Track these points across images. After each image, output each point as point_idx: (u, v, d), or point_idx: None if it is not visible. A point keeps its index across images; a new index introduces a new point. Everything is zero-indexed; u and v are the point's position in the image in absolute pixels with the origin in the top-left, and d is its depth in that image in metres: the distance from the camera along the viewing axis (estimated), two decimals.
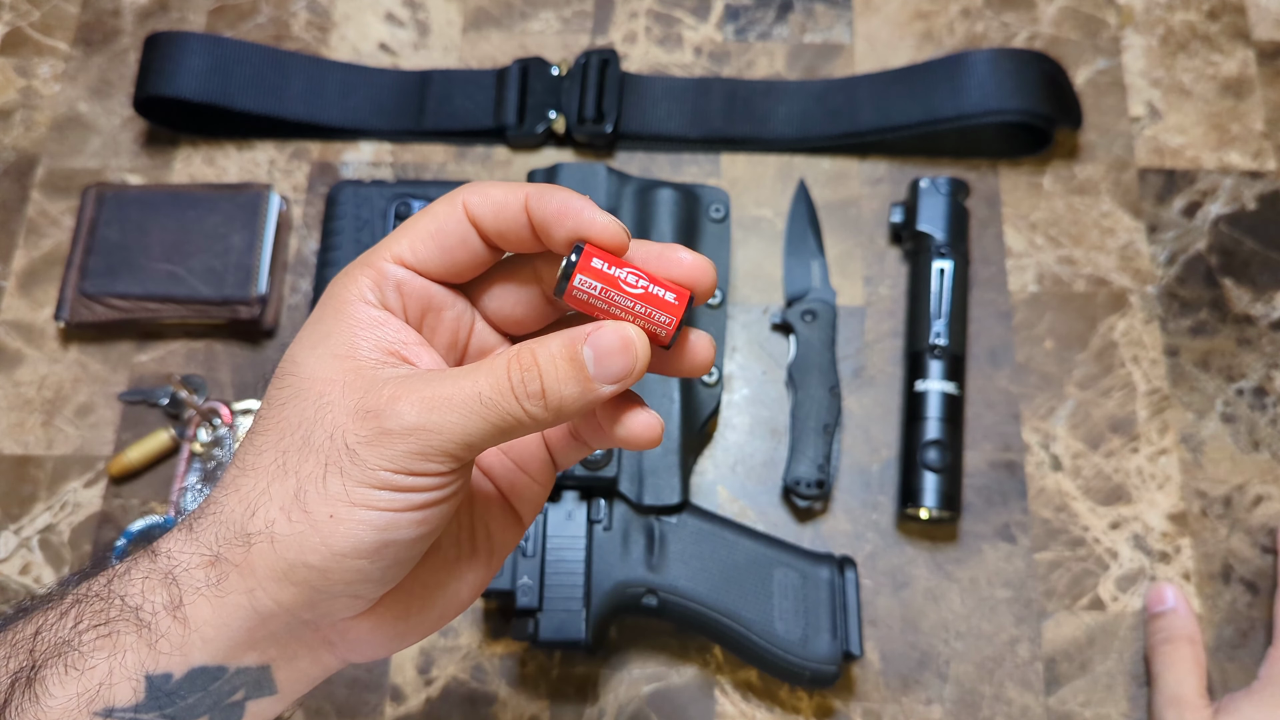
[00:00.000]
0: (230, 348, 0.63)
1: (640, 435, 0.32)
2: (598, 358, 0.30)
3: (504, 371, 0.30)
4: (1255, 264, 0.65)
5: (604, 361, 0.30)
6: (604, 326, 0.30)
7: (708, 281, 0.31)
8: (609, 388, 0.30)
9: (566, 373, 0.30)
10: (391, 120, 0.68)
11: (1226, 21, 0.70)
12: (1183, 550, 0.59)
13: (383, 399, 0.29)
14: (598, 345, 0.30)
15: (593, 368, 0.30)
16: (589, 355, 0.30)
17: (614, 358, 0.30)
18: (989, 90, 0.64)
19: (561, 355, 0.30)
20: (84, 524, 0.60)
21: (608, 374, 0.30)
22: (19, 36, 0.71)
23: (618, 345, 0.30)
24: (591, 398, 0.30)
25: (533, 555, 0.53)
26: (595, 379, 0.30)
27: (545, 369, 0.30)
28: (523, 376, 0.30)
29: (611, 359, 0.30)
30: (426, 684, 0.57)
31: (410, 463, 0.29)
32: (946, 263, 0.61)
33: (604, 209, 0.64)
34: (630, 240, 0.31)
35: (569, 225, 0.31)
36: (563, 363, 0.30)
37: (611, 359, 0.30)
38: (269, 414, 0.31)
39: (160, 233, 0.62)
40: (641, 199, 0.61)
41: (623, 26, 0.71)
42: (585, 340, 0.30)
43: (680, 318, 0.30)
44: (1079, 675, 0.57)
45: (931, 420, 0.58)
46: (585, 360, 0.30)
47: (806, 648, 0.52)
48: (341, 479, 0.29)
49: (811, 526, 0.60)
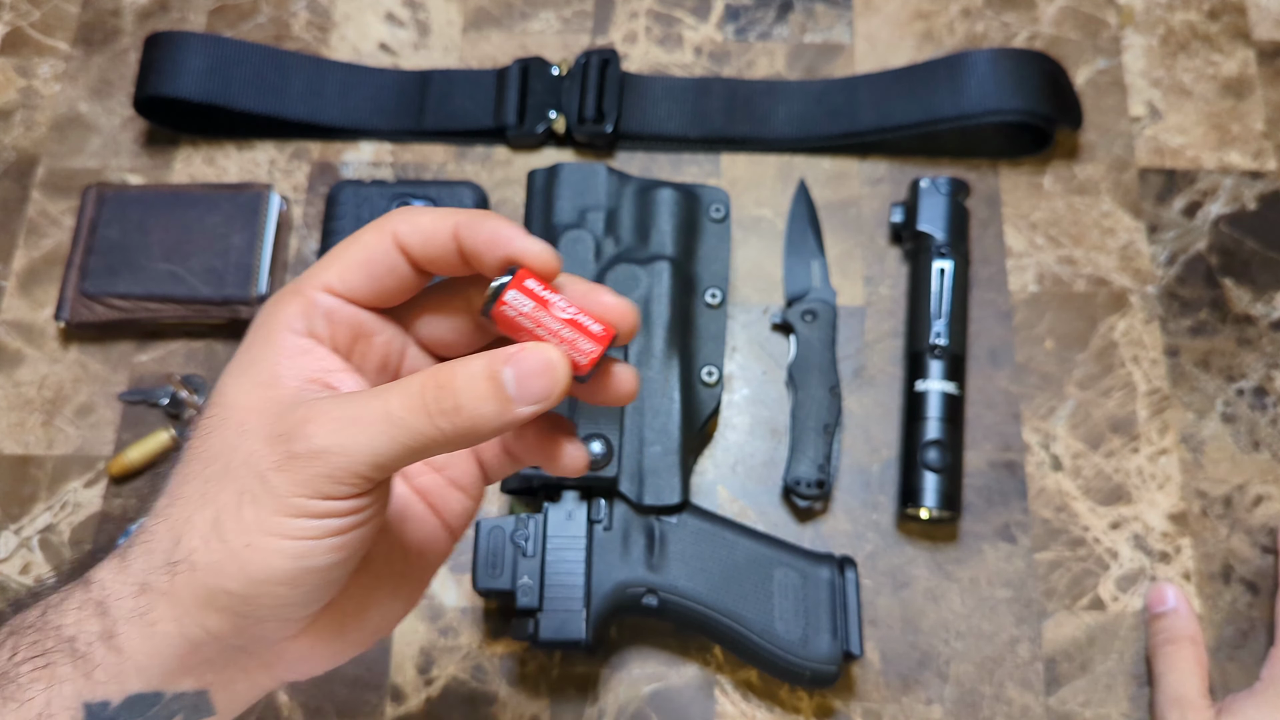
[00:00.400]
0: (230, 348, 0.63)
1: (571, 467, 0.34)
2: (519, 379, 0.30)
3: (417, 390, 0.30)
4: (1256, 264, 0.65)
5: (525, 383, 0.30)
6: (526, 349, 0.30)
7: (628, 323, 0.32)
8: (527, 409, 0.30)
9: (485, 392, 0.30)
10: (392, 120, 0.68)
11: (1227, 21, 0.70)
12: (1183, 550, 0.59)
13: (293, 423, 0.29)
14: (520, 366, 0.30)
15: (513, 389, 0.30)
16: (509, 376, 0.30)
17: (535, 380, 0.30)
18: (989, 90, 0.64)
19: (482, 374, 0.30)
20: (84, 524, 0.60)
21: (527, 396, 0.30)
22: (19, 36, 0.71)
23: (539, 367, 0.30)
24: (509, 418, 0.30)
25: (533, 555, 0.53)
26: (515, 400, 0.30)
27: (463, 387, 0.30)
28: (437, 395, 0.30)
29: (532, 381, 0.30)
30: (427, 684, 0.57)
31: (321, 486, 0.29)
32: (946, 263, 0.61)
33: (604, 209, 0.65)
34: (561, 269, 0.32)
35: (500, 253, 0.31)
36: (482, 382, 0.30)
37: (532, 381, 0.30)
38: (196, 443, 0.31)
39: (160, 233, 0.62)
40: (641, 199, 0.61)
41: (623, 26, 0.71)
42: (507, 361, 0.30)
43: (604, 349, 0.31)
44: (1079, 675, 0.57)
45: (931, 420, 0.58)
46: (505, 381, 0.30)
47: (807, 647, 0.52)
48: (256, 508, 0.29)
49: (811, 526, 0.60)
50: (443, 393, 0.30)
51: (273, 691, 0.35)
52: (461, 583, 0.58)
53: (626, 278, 0.58)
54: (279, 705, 0.56)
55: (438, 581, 0.58)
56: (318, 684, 0.56)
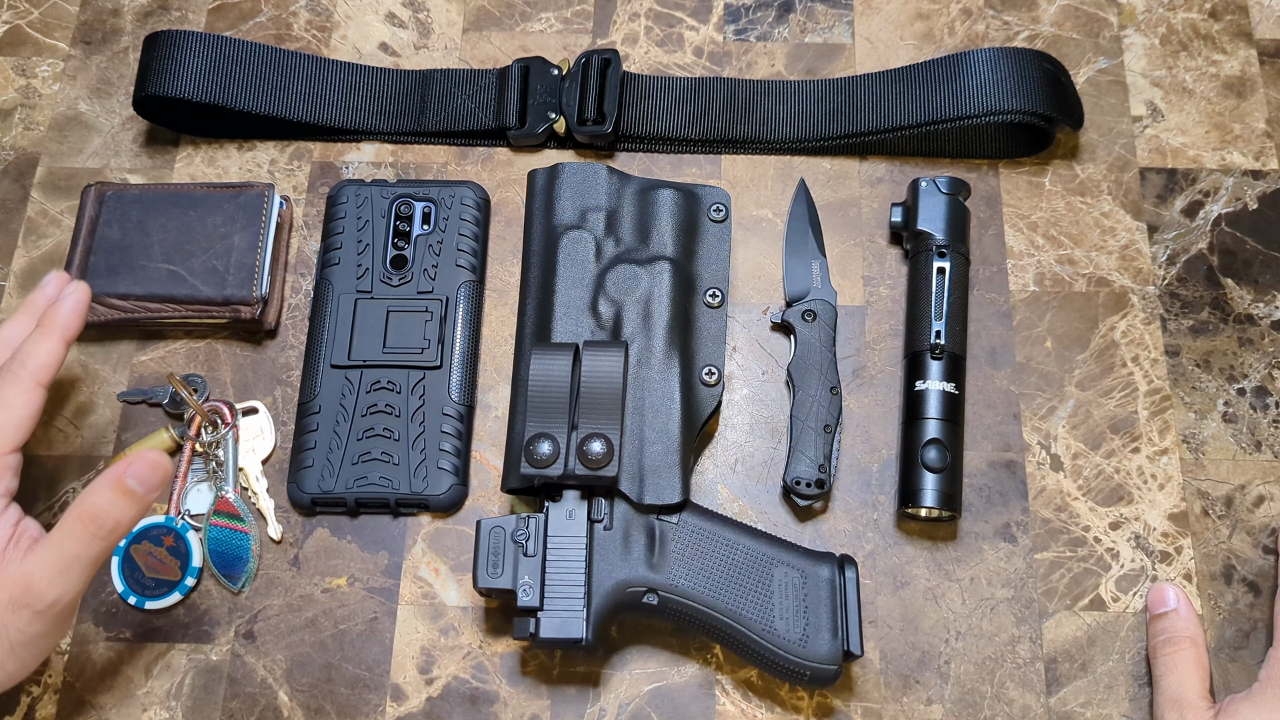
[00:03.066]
0: (231, 347, 0.63)
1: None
2: (140, 479, 0.44)
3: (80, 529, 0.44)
4: (1256, 264, 0.65)
5: (146, 480, 0.44)
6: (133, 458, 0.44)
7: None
8: (154, 494, 0.45)
9: (123, 501, 0.44)
10: (392, 120, 0.68)
11: (1228, 20, 0.70)
12: (1184, 550, 0.59)
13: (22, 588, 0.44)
14: (138, 475, 0.44)
15: (139, 488, 0.44)
16: (133, 481, 0.44)
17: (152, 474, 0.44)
18: (989, 90, 0.64)
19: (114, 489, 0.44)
20: None
21: (151, 486, 0.44)
22: (19, 35, 0.71)
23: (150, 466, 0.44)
24: (145, 506, 0.45)
25: (534, 554, 0.53)
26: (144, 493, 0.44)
27: (107, 508, 0.43)
28: (95, 524, 0.43)
29: (150, 475, 0.44)
30: (428, 683, 0.57)
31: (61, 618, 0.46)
32: (946, 262, 0.61)
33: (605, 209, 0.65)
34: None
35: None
36: (118, 496, 0.44)
37: (150, 475, 0.44)
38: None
39: (161, 232, 0.62)
40: (642, 199, 0.61)
41: (623, 27, 0.71)
42: (125, 472, 0.44)
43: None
44: (1080, 675, 0.56)
45: (931, 420, 0.58)
46: (132, 486, 0.44)
47: (807, 647, 0.52)
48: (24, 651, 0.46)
49: (811, 526, 0.60)
50: (98, 521, 0.43)
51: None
52: (462, 582, 0.58)
53: (627, 278, 0.58)
54: (279, 705, 0.56)
55: (439, 581, 0.58)
56: (319, 684, 0.56)
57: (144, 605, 0.58)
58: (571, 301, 0.58)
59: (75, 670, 0.57)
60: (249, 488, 0.60)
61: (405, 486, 0.58)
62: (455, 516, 0.60)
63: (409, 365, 0.60)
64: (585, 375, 0.54)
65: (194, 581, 0.58)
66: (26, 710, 0.56)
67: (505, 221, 0.66)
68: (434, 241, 0.63)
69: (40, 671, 0.57)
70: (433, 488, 0.58)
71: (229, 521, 0.59)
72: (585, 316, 0.58)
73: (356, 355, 0.61)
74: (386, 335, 0.61)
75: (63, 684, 0.57)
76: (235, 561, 0.58)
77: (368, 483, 0.58)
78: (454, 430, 0.59)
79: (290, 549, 0.59)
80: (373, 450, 0.59)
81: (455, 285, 0.62)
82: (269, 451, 0.61)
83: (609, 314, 0.58)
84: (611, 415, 0.54)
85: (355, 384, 0.60)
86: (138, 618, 0.58)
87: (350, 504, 0.59)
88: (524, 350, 0.59)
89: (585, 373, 0.54)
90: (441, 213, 0.64)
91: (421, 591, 0.58)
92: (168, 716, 0.56)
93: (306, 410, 0.60)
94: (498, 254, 0.65)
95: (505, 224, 0.66)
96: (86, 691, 0.56)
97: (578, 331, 0.58)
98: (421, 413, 0.60)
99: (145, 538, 0.58)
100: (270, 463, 0.61)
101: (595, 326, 0.58)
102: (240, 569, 0.58)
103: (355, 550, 0.59)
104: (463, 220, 0.64)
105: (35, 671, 0.56)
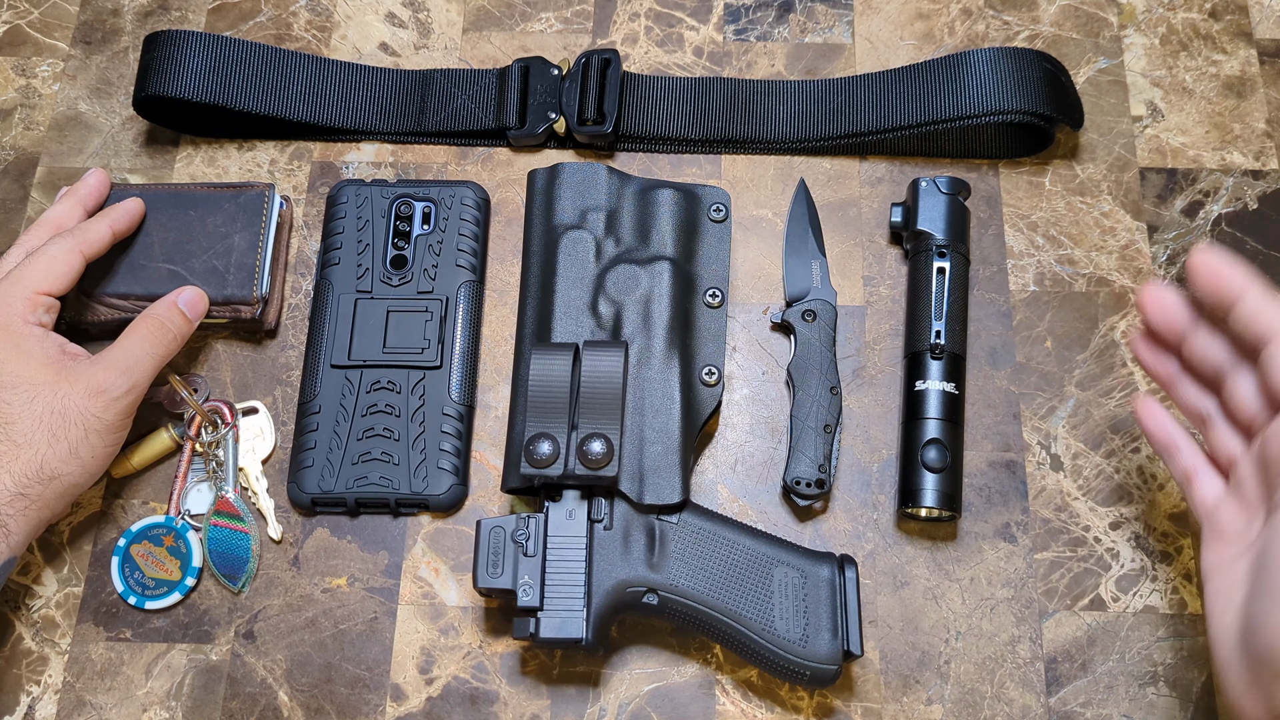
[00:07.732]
0: (231, 347, 0.63)
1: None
2: (190, 306, 0.59)
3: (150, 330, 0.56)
4: (1257, 264, 0.65)
5: (193, 306, 0.59)
6: (183, 291, 0.59)
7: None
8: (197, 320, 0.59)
9: (178, 317, 0.58)
10: (393, 120, 0.68)
11: (1228, 20, 0.70)
12: (1184, 550, 0.59)
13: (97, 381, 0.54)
14: (188, 301, 0.59)
15: (189, 311, 0.59)
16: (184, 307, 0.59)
17: (199, 304, 0.60)
18: (989, 90, 0.64)
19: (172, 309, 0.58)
20: (84, 524, 0.60)
21: (198, 313, 0.59)
22: (19, 35, 0.71)
23: (195, 296, 0.59)
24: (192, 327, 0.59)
25: (534, 554, 0.53)
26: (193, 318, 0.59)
27: (166, 317, 0.57)
28: (161, 324, 0.57)
29: (196, 303, 0.59)
30: (428, 683, 0.57)
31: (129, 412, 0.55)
32: (946, 262, 0.61)
33: (605, 209, 0.65)
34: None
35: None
36: (174, 313, 0.58)
37: (196, 303, 0.59)
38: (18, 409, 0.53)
39: (161, 232, 0.62)
40: (642, 199, 0.61)
41: (623, 27, 0.71)
42: (177, 298, 0.59)
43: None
44: (1080, 675, 0.57)
45: (931, 420, 0.58)
46: (183, 308, 0.58)
47: (807, 647, 0.52)
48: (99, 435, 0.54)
49: (811, 525, 0.60)
50: (161, 325, 0.57)
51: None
52: (462, 582, 0.58)
53: (627, 278, 0.58)
54: (279, 705, 0.56)
55: (439, 581, 0.58)
56: (318, 684, 0.56)
57: (144, 605, 0.58)
58: (571, 301, 0.58)
59: (75, 670, 0.57)
60: (249, 488, 0.60)
61: (405, 486, 0.58)
62: (455, 516, 0.60)
63: (409, 365, 0.60)
64: (585, 375, 0.54)
65: (194, 581, 0.58)
66: (26, 710, 0.56)
67: (505, 221, 0.66)
68: (434, 241, 0.63)
69: (40, 672, 0.57)
70: (433, 488, 0.58)
71: (229, 521, 0.59)
72: (585, 316, 0.58)
73: (356, 355, 0.61)
74: (386, 335, 0.61)
75: (63, 684, 0.57)
76: (235, 561, 0.58)
77: (368, 483, 0.58)
78: (454, 430, 0.60)
79: (290, 549, 0.59)
80: (373, 450, 0.59)
81: (455, 285, 0.62)
82: (269, 451, 0.61)
83: (609, 314, 0.58)
84: (611, 415, 0.54)
85: (355, 384, 0.60)
86: (138, 618, 0.58)
87: (350, 504, 0.59)
88: (524, 350, 0.59)
89: (585, 373, 0.54)
90: (441, 213, 0.64)
91: (421, 591, 0.58)
92: (168, 716, 0.56)
93: (306, 410, 0.60)
94: (498, 254, 0.65)
95: (505, 224, 0.66)
96: (86, 691, 0.57)
97: (578, 331, 0.58)
98: (421, 413, 0.60)
99: (145, 538, 0.58)
100: (270, 463, 0.61)
101: (595, 326, 0.58)
102: (240, 569, 0.58)
103: (355, 550, 0.59)
104: (463, 220, 0.64)
105: (35, 672, 0.56)
